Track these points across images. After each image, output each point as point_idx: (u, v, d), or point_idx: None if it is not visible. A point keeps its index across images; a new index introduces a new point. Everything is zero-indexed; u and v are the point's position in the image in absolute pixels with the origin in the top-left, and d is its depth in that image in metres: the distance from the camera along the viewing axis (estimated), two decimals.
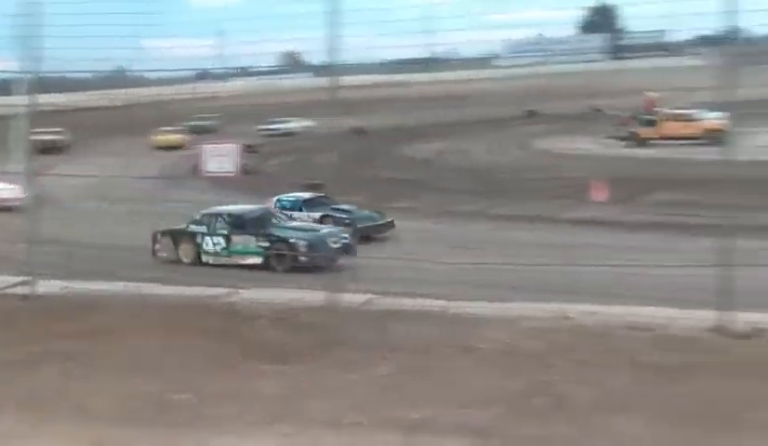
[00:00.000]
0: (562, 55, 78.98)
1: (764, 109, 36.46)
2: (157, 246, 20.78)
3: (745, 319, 10.05)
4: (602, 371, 8.73)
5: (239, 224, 20.66)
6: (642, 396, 8.22)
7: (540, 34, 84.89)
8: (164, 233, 20.95)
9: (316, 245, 19.61)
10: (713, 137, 30.12)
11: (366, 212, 23.57)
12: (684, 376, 8.57)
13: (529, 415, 7.89)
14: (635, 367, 8.83)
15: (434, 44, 72.90)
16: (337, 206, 23.74)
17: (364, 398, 8.32)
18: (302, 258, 19.26)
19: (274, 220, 21.12)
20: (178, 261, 20.15)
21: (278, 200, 24.48)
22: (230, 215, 21.04)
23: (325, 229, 20.64)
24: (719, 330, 9.83)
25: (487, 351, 9.35)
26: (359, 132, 42.41)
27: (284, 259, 19.30)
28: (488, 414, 7.87)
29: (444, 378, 8.77)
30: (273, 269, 18.96)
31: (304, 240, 19.82)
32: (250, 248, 19.99)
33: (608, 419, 7.76)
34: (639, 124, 38.57)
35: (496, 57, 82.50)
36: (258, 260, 19.58)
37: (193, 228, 20.88)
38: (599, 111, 47.89)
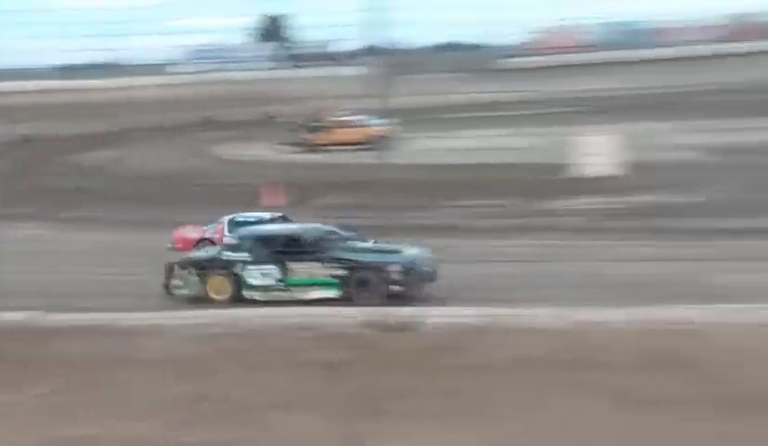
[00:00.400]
0: (238, 62, 79.43)
1: (422, 115, 38.82)
2: (175, 281, 16.07)
3: (398, 314, 10.68)
4: (267, 372, 8.94)
5: (297, 247, 16.19)
6: (305, 393, 8.51)
7: (218, 42, 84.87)
8: (183, 264, 16.36)
9: (412, 270, 15.72)
10: (378, 142, 31.70)
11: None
12: (343, 371, 8.98)
13: (197, 421, 7.92)
14: (298, 366, 9.12)
15: (110, 49, 70.69)
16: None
17: (24, 419, 7.95)
18: (396, 287, 15.42)
19: (330, 241, 16.61)
20: (204, 299, 15.55)
21: (232, 220, 19.79)
22: (283, 236, 16.59)
23: (411, 249, 16.53)
24: (374, 325, 10.37)
25: (152, 361, 9.25)
26: (25, 140, 40.21)
27: (371, 290, 15.38)
28: (155, 424, 7.80)
29: (111, 392, 8.59)
30: (354, 303, 14.87)
31: (397, 263, 15.78)
32: (318, 278, 15.83)
33: (274, 418, 7.96)
34: (309, 130, 39.69)
35: (175, 63, 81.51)
36: (332, 293, 15.54)
37: (229, 255, 16.30)
38: (272, 117, 48.69)
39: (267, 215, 19.91)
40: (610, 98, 40.40)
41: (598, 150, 23.95)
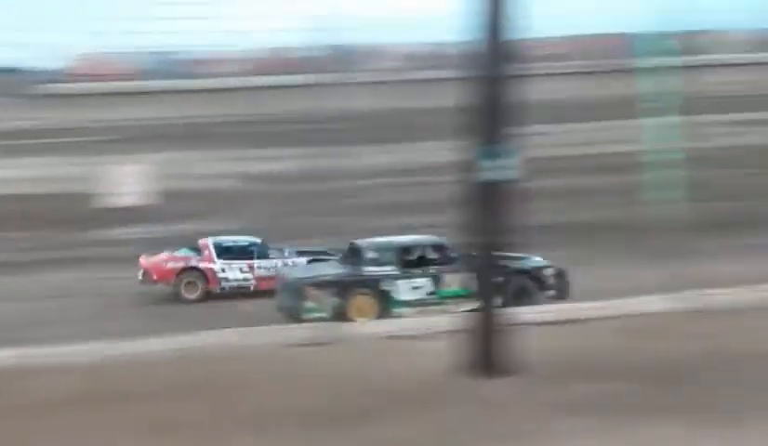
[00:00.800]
0: None
1: None
2: (307, 304, 14.44)
3: None
4: None
5: (447, 258, 15.24)
6: None
7: None
8: (318, 284, 14.76)
9: (563, 273, 15.58)
10: None
11: None
12: None
13: None
14: None
15: None
16: (304, 250, 18.17)
17: None
18: (550, 292, 15.18)
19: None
20: (343, 321, 13.53)
21: (218, 245, 18.19)
22: (427, 245, 15.62)
23: (533, 256, 15.94)
24: None
25: None
26: None
27: (528, 296, 14.63)
28: None
29: None
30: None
31: (551, 267, 15.62)
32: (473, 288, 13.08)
33: None
34: None
35: None
36: None
37: (374, 270, 14.94)
38: None
39: (252, 238, 18.57)
40: (149, 127, 40.54)
41: (133, 180, 23.87)
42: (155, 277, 17.81)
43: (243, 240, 18.73)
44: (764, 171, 26.12)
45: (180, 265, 17.99)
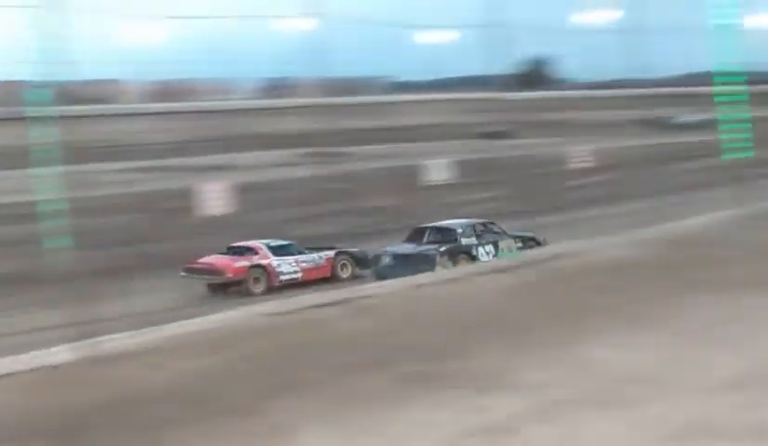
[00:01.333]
0: None
1: None
2: (439, 268, 19.55)
3: None
4: None
5: (495, 231, 22.45)
6: None
7: None
8: (443, 254, 20.95)
9: (546, 239, 21.48)
10: None
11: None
12: None
13: None
14: None
15: None
16: (313, 246, 22.37)
17: None
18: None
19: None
20: None
21: (268, 245, 21.15)
22: (483, 223, 22.55)
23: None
24: None
25: None
26: None
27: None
28: None
29: None
30: None
31: (541, 237, 22.07)
32: (512, 250, 21.39)
33: None
34: None
35: None
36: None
37: (467, 241, 21.63)
38: None
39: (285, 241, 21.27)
40: None
41: None
42: (230, 274, 19.71)
43: (288, 242, 21.57)
44: (152, 216, 26.87)
45: (247, 263, 20.14)
